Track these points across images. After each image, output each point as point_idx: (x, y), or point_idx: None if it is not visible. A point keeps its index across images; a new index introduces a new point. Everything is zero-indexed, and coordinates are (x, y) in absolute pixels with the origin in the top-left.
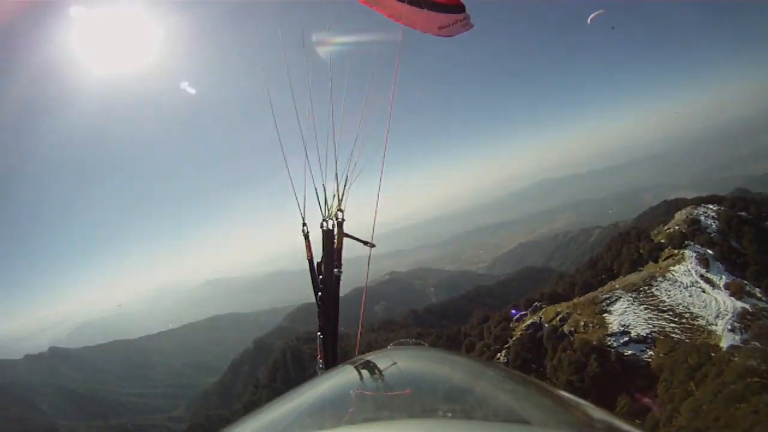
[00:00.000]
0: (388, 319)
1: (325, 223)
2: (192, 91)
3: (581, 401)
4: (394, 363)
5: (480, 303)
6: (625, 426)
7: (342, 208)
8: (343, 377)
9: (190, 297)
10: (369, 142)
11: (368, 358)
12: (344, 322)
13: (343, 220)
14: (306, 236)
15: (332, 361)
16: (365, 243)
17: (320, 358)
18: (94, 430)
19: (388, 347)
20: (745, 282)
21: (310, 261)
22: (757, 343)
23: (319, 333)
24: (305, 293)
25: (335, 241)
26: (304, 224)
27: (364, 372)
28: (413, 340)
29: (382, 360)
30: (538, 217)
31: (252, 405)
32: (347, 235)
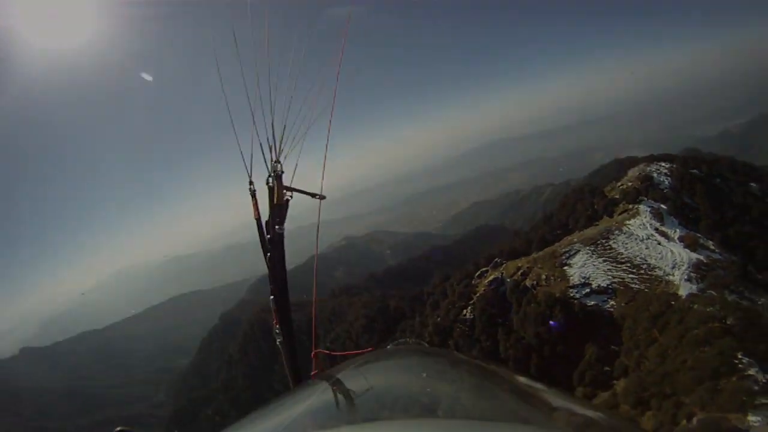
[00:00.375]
0: (348, 284)
1: (270, 179)
2: (149, 78)
3: (576, 398)
4: (393, 364)
5: (438, 263)
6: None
7: (280, 159)
8: (342, 378)
9: (150, 279)
10: (317, 93)
11: (367, 358)
12: (305, 290)
13: (282, 172)
14: (253, 195)
15: (287, 325)
16: (313, 195)
17: (276, 323)
18: (83, 428)
19: (388, 347)
20: (699, 235)
21: (258, 220)
22: (713, 292)
23: (271, 296)
24: (264, 264)
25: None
26: (251, 182)
27: (364, 372)
28: (413, 340)
29: (382, 360)
30: (490, 177)
31: (230, 381)
32: (289, 188)
